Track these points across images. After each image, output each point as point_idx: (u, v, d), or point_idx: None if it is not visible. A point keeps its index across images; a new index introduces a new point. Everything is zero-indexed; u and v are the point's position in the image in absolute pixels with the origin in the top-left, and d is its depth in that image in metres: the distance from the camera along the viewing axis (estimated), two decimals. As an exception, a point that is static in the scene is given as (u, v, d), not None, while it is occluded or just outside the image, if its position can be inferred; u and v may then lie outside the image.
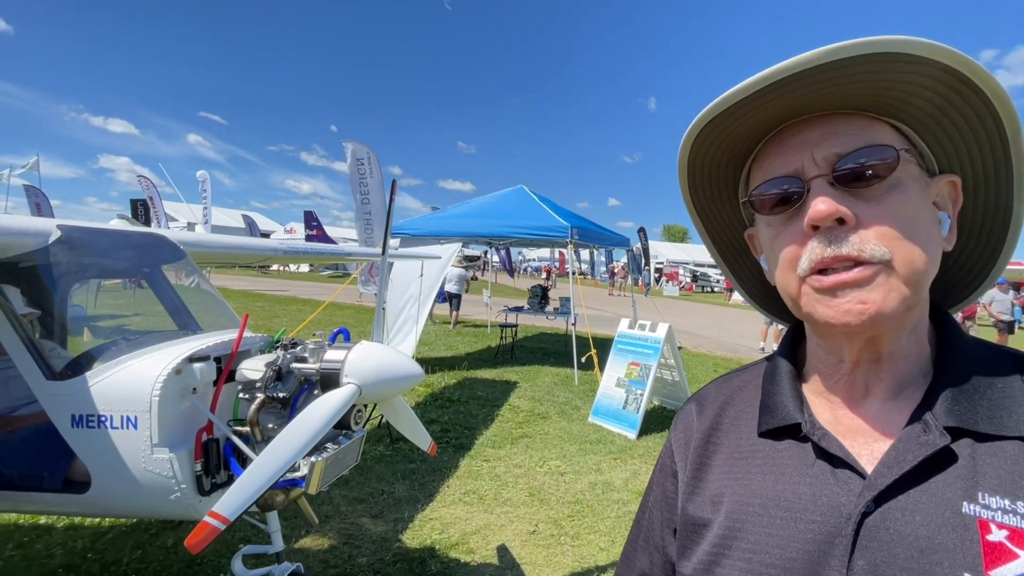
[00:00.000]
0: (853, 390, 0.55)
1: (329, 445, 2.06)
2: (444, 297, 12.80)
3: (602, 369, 6.18)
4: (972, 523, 0.44)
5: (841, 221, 0.48)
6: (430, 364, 7.84)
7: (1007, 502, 0.44)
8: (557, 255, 34.48)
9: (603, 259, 30.63)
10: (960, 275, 0.63)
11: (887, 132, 0.52)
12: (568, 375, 7.59)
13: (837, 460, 0.51)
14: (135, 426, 1.79)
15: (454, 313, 12.73)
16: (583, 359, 7.39)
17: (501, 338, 9.41)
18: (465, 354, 9.08)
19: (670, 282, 31.62)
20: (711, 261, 0.77)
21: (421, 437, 2.65)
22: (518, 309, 9.67)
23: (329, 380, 1.99)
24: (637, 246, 18.77)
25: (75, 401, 1.82)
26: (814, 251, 0.49)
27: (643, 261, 24.33)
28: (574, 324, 7.86)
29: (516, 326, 9.38)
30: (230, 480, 2.01)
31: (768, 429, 0.58)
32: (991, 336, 10.94)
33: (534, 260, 47.07)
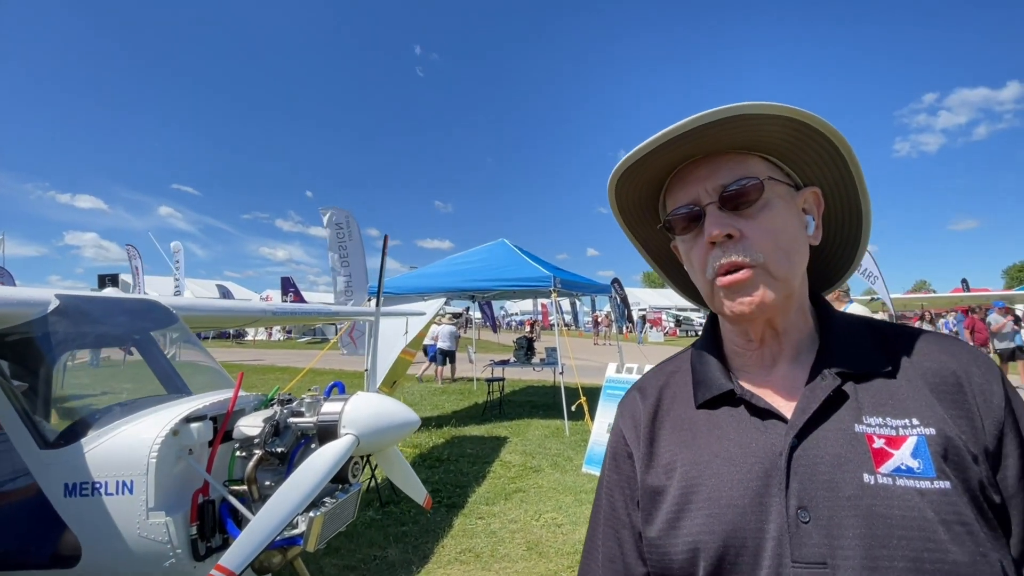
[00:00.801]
0: (763, 360, 0.71)
1: (327, 499, 2.06)
2: (434, 354, 12.54)
3: (593, 417, 6.17)
4: (862, 438, 0.60)
5: (730, 236, 0.65)
6: (418, 424, 7.66)
7: (880, 419, 0.61)
8: (540, 307, 34.71)
9: (587, 309, 30.94)
10: (834, 262, 0.81)
11: (757, 164, 0.68)
12: (558, 426, 7.52)
13: (765, 413, 0.66)
14: (131, 490, 1.78)
15: (450, 366, 12.55)
16: (573, 408, 7.36)
17: (488, 393, 9.33)
18: (452, 412, 8.94)
19: (654, 328, 31.95)
20: (693, 305, 0.96)
21: (416, 489, 2.63)
22: (504, 363, 9.66)
23: (327, 432, 2.02)
24: (616, 295, 19.12)
25: (69, 469, 1.81)
26: (714, 259, 0.66)
27: (625, 310, 24.60)
28: (562, 374, 7.89)
29: (503, 380, 9.34)
30: (225, 544, 1.97)
31: (705, 400, 0.71)
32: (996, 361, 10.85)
33: (516, 314, 47.19)
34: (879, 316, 5.77)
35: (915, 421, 0.59)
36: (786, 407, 0.65)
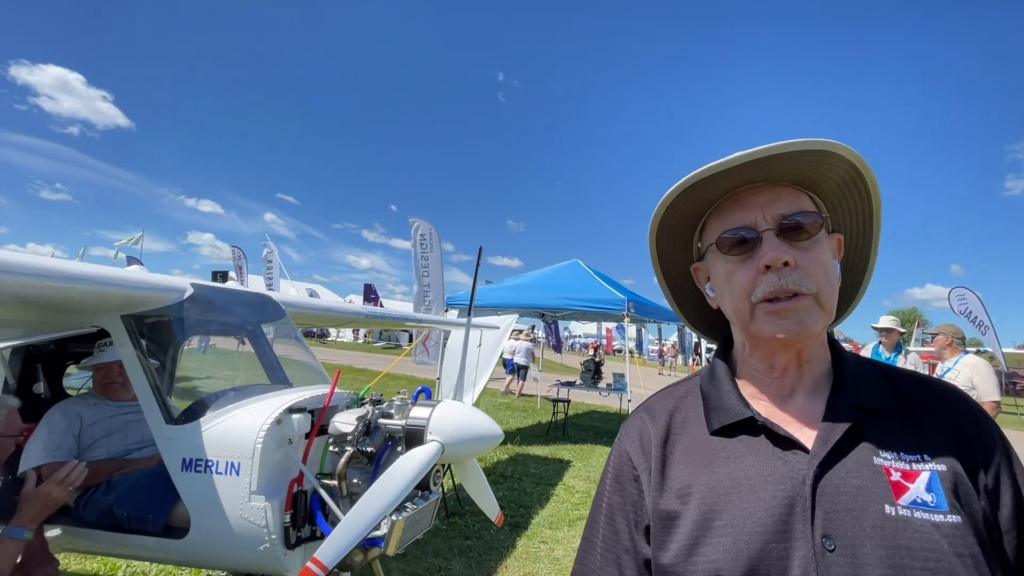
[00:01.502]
0: (782, 390, 0.72)
1: (408, 505, 2.07)
2: (512, 368, 13.15)
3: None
4: (881, 471, 0.61)
5: (785, 263, 0.66)
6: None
7: (894, 454, 0.63)
8: (604, 332, 33.91)
9: (652, 337, 29.88)
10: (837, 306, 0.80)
11: (808, 201, 0.71)
12: (624, 456, 7.22)
13: (786, 442, 0.66)
14: (237, 472, 1.89)
15: (521, 383, 13.02)
16: (641, 439, 7.05)
17: (553, 413, 9.19)
18: (516, 429, 8.87)
19: (725, 363, 30.09)
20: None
21: (490, 505, 2.60)
22: (570, 384, 9.50)
23: (414, 437, 2.05)
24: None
25: (187, 445, 1.96)
26: (769, 283, 0.66)
27: (694, 338, 23.47)
28: (630, 401, 7.61)
29: (568, 401, 9.17)
30: (313, 535, 2.04)
31: (721, 426, 0.70)
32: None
33: (580, 336, 46.48)
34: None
35: (927, 457, 0.62)
36: (805, 437, 0.66)
